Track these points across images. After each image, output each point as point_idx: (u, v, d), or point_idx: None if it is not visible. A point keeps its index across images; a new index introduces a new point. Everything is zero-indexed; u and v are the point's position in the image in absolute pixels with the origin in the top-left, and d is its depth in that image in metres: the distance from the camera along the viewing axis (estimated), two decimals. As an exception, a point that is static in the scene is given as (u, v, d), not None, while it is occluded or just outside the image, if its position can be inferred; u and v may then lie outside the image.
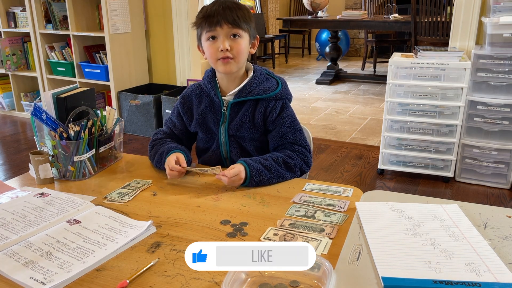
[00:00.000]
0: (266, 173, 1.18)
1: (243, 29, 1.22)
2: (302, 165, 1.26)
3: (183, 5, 3.64)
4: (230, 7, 1.20)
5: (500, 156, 2.63)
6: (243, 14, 1.21)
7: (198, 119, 1.34)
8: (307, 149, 1.30)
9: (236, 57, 1.22)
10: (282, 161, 1.22)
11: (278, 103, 1.30)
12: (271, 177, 1.18)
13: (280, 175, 1.20)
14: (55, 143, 1.21)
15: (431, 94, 2.64)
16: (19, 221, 0.97)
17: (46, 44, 3.90)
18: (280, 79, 1.34)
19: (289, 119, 1.30)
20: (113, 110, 1.34)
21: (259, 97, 1.28)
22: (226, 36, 1.21)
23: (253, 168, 1.16)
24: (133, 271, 0.82)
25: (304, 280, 0.77)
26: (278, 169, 1.20)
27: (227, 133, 1.32)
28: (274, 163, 1.21)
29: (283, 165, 1.22)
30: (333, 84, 5.62)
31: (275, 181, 1.20)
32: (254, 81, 1.29)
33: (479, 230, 0.90)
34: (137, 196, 1.13)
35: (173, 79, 3.91)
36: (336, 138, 3.62)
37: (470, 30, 2.74)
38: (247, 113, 1.29)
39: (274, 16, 7.44)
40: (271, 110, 1.29)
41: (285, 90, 1.32)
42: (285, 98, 1.31)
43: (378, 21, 5.02)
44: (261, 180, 1.17)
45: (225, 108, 1.30)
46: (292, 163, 1.23)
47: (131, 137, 3.64)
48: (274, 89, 1.29)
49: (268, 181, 1.18)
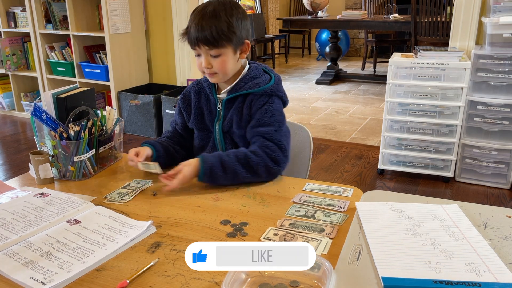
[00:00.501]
0: (219, 170, 1.13)
1: (222, 47, 1.19)
2: (267, 162, 1.17)
3: (183, 5, 3.64)
4: (206, 26, 1.16)
5: (500, 156, 2.62)
6: (221, 30, 1.16)
7: (195, 115, 1.35)
8: (280, 146, 1.21)
9: (219, 72, 1.23)
10: (244, 157, 1.17)
11: (265, 98, 1.26)
12: (224, 176, 1.14)
13: (237, 175, 1.15)
14: (55, 143, 1.21)
15: (431, 94, 2.64)
16: (19, 221, 0.97)
17: (46, 44, 3.90)
18: (275, 76, 1.30)
19: (268, 113, 1.24)
20: (113, 110, 1.34)
21: (248, 92, 1.26)
22: (207, 54, 1.20)
23: (206, 165, 1.13)
24: (133, 271, 0.82)
25: (304, 280, 0.77)
26: (236, 167, 1.15)
27: (221, 131, 1.32)
28: (234, 160, 1.15)
29: (244, 161, 1.16)
30: (333, 84, 5.62)
31: (230, 180, 1.15)
32: (246, 77, 1.28)
33: (479, 230, 0.90)
34: (137, 196, 1.13)
35: (173, 79, 3.91)
36: (336, 138, 3.62)
37: (470, 30, 2.74)
38: (237, 108, 1.29)
39: (274, 16, 7.44)
40: (255, 103, 1.26)
41: (277, 86, 1.28)
42: (273, 95, 1.27)
43: (378, 21, 5.02)
44: (212, 177, 1.14)
45: (220, 106, 1.31)
46: (255, 160, 1.16)
47: (131, 137, 3.65)
48: (264, 84, 1.27)
49: (221, 179, 1.14)
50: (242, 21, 1.22)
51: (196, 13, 1.20)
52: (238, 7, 1.23)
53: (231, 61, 1.23)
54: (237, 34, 1.20)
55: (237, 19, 1.20)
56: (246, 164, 1.16)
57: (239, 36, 1.21)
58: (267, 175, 1.19)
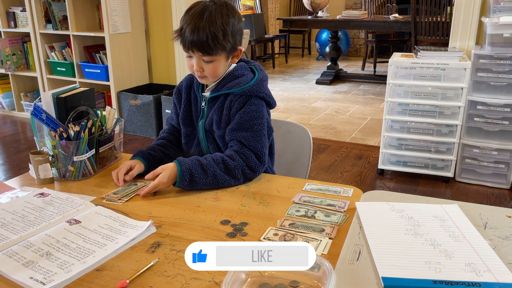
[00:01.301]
0: (200, 173, 1.12)
1: (216, 54, 1.18)
2: (243, 167, 1.17)
3: (183, 5, 3.64)
4: (202, 32, 1.14)
5: (500, 156, 2.63)
6: (216, 38, 1.15)
7: (183, 110, 1.34)
8: (256, 152, 1.21)
9: (209, 76, 1.23)
10: (222, 161, 1.16)
11: (244, 98, 1.24)
12: (205, 178, 1.12)
13: (217, 178, 1.13)
14: (55, 143, 1.21)
15: (431, 94, 2.64)
16: (19, 221, 0.97)
17: (46, 44, 3.90)
18: (259, 75, 1.27)
19: (247, 116, 1.22)
20: (113, 110, 1.34)
21: (228, 91, 1.25)
22: (199, 59, 1.20)
23: (184, 168, 1.11)
24: (133, 271, 0.82)
25: (304, 280, 0.76)
26: (215, 170, 1.14)
27: (203, 129, 1.31)
28: (212, 163, 1.14)
29: (222, 166, 1.15)
30: (333, 84, 5.62)
31: (211, 183, 1.13)
32: (228, 76, 1.26)
33: (479, 230, 0.90)
34: (137, 196, 1.13)
35: (173, 79, 3.91)
36: (336, 138, 3.62)
37: (470, 30, 2.74)
38: (217, 108, 1.27)
39: (274, 16, 7.44)
40: (235, 104, 1.24)
41: (257, 87, 1.24)
42: (253, 95, 1.23)
43: (378, 21, 5.02)
44: (193, 181, 1.11)
45: (204, 104, 1.30)
46: (232, 165, 1.16)
47: (131, 137, 3.65)
48: (245, 83, 1.24)
49: (202, 181, 1.12)
50: (238, 27, 1.21)
51: (192, 15, 1.17)
52: (234, 12, 1.21)
53: (223, 66, 1.23)
54: (231, 43, 1.20)
55: (233, 25, 1.19)
56: (225, 167, 1.16)
57: (233, 44, 1.21)
58: (244, 179, 1.19)
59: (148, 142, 3.49)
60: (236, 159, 1.18)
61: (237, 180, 1.18)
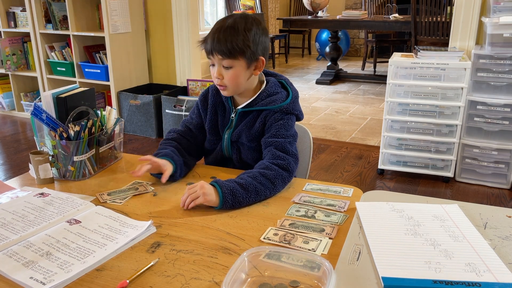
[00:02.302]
0: (241, 192, 1.07)
1: (235, 59, 1.19)
2: (282, 174, 1.16)
3: (183, 5, 3.64)
4: (224, 37, 1.17)
5: (500, 156, 2.63)
6: (236, 43, 1.17)
7: (210, 117, 1.35)
8: (292, 155, 1.22)
9: (228, 86, 1.23)
10: (260, 174, 1.13)
11: (280, 115, 1.27)
12: (247, 197, 1.08)
13: (258, 193, 1.10)
14: (55, 143, 1.21)
15: (431, 94, 2.64)
16: (19, 221, 0.97)
17: (46, 44, 3.90)
18: (292, 92, 1.31)
19: (283, 128, 1.26)
20: (113, 110, 1.34)
21: (263, 108, 1.27)
22: (220, 64, 1.21)
23: (225, 189, 1.06)
24: (133, 271, 0.82)
25: (304, 280, 0.76)
26: (256, 186, 1.10)
27: (229, 139, 1.32)
28: (250, 180, 1.11)
29: (261, 179, 1.12)
30: (333, 84, 5.62)
31: (253, 199, 1.09)
32: (262, 94, 1.28)
33: (479, 230, 0.90)
34: (137, 196, 1.13)
35: (173, 79, 3.91)
36: (336, 138, 3.62)
37: (470, 30, 2.74)
38: (249, 122, 1.29)
39: (274, 16, 7.44)
40: (270, 119, 1.27)
41: (293, 105, 1.29)
42: (290, 113, 1.28)
43: (378, 21, 5.02)
44: (236, 201, 1.06)
45: (234, 115, 1.31)
46: (271, 175, 1.14)
47: (131, 137, 3.64)
48: (281, 101, 1.27)
49: (245, 200, 1.07)
50: (260, 38, 1.22)
51: (216, 24, 1.22)
52: (259, 23, 1.23)
53: (243, 75, 1.22)
54: (251, 49, 1.19)
55: (255, 35, 1.20)
56: (264, 180, 1.12)
57: (254, 51, 1.20)
58: (283, 186, 1.17)
59: (148, 142, 3.49)
60: (273, 168, 1.16)
61: (276, 190, 1.15)
